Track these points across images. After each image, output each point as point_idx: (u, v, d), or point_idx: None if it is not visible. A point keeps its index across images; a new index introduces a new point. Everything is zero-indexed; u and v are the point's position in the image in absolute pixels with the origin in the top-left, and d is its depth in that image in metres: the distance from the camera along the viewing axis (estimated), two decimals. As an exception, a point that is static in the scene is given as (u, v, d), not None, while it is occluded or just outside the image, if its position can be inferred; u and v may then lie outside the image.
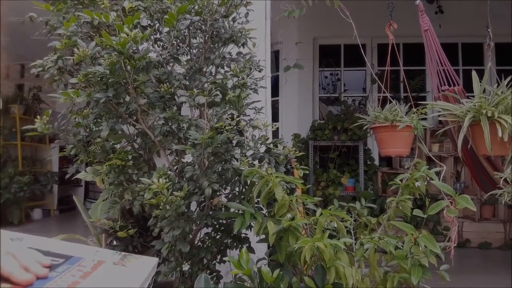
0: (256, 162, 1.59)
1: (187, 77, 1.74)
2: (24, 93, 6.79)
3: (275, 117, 5.39)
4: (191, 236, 1.64)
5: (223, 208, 1.61)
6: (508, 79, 1.69)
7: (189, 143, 1.49)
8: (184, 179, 1.57)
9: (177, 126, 1.56)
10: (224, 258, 1.63)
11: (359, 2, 3.17)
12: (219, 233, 1.71)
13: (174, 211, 1.41)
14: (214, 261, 1.71)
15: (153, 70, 1.58)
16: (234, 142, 1.59)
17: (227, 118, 1.50)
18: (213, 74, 1.85)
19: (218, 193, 1.64)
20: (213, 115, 1.51)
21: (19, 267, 0.55)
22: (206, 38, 1.75)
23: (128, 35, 1.36)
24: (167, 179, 1.42)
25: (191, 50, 1.80)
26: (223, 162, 1.55)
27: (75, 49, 1.44)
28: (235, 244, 1.70)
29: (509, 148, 1.62)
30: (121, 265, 0.66)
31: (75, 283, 0.56)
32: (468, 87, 2.06)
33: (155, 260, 0.72)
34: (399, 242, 1.44)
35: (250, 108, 1.73)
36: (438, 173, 1.63)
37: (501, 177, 1.79)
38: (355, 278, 1.31)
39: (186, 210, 1.54)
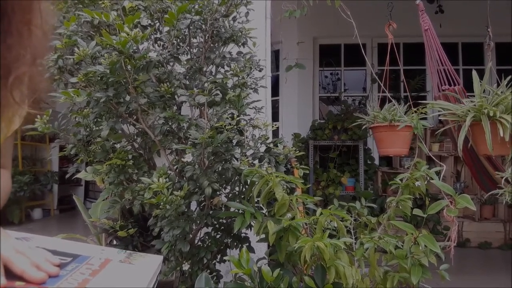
0: (256, 161, 1.59)
1: (187, 77, 1.74)
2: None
3: (275, 117, 5.38)
4: (191, 236, 1.64)
5: (223, 208, 1.61)
6: (508, 79, 1.69)
7: (189, 142, 1.49)
8: (184, 178, 1.57)
9: (177, 126, 1.56)
10: (224, 258, 1.63)
11: (360, 1, 3.17)
12: (219, 232, 1.71)
13: (174, 211, 1.42)
14: (214, 261, 1.71)
15: (153, 69, 1.58)
16: (234, 141, 1.59)
17: (227, 118, 1.50)
18: (213, 74, 1.85)
19: (218, 193, 1.64)
20: (213, 114, 1.51)
21: (31, 265, 0.55)
22: (206, 38, 1.75)
23: (128, 34, 1.36)
24: (167, 179, 1.42)
25: (191, 50, 1.80)
26: (223, 162, 1.55)
27: (76, 49, 1.44)
28: (235, 243, 1.70)
29: (510, 148, 1.62)
30: (128, 263, 0.67)
31: (86, 281, 0.57)
32: (468, 86, 2.06)
33: (160, 258, 0.72)
34: (399, 242, 1.44)
35: (250, 108, 1.73)
36: (438, 173, 1.63)
37: (502, 177, 1.79)
38: (355, 277, 1.31)
39: (186, 210, 1.54)
